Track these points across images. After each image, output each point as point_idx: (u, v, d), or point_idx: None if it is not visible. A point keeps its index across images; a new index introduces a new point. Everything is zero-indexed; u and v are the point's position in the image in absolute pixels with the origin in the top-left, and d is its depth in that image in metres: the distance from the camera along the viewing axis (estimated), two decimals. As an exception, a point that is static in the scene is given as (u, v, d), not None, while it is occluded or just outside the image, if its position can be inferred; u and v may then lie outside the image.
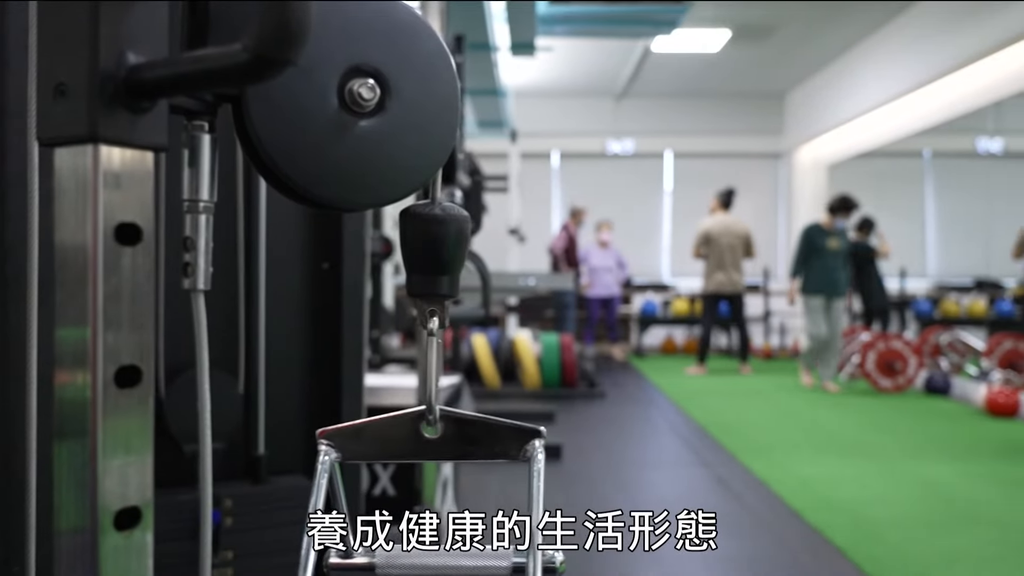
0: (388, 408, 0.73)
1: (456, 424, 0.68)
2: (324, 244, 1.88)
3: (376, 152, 0.61)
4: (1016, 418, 5.73)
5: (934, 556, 2.87)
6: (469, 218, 0.64)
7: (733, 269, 8.17)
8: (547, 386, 6.65)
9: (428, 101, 0.61)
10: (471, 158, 4.60)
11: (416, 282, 0.66)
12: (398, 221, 0.67)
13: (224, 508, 1.70)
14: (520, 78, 9.94)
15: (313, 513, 0.65)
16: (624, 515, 2.49)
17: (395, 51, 0.60)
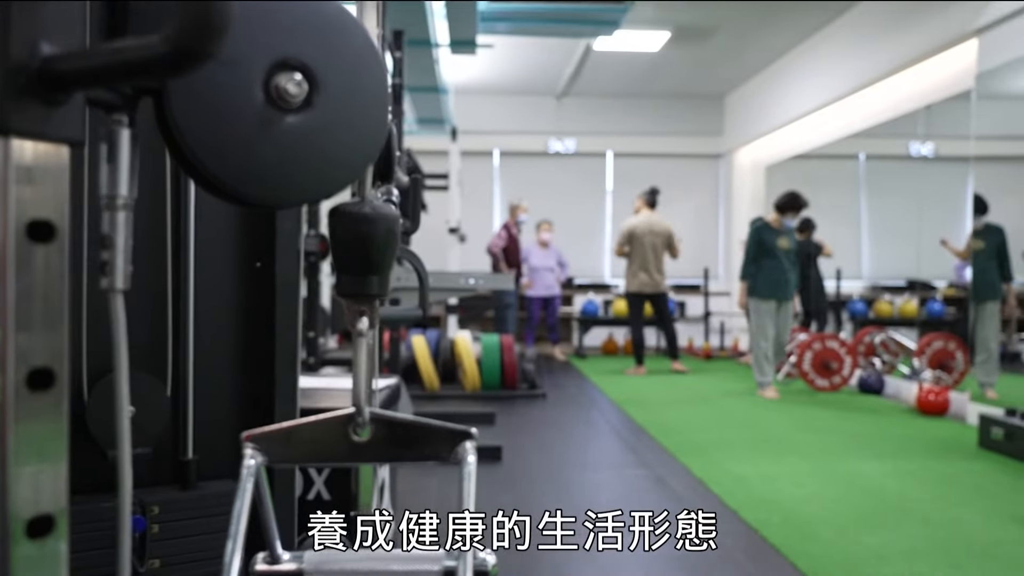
0: (323, 411, 0.72)
1: (387, 427, 0.68)
2: (257, 242, 1.85)
3: (304, 148, 0.60)
4: (946, 416, 5.92)
5: (865, 552, 2.95)
6: (399, 217, 0.64)
7: (655, 269, 8.27)
8: (487, 387, 6.65)
9: (357, 97, 0.60)
10: (410, 156, 4.58)
11: (345, 282, 0.65)
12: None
13: (151, 515, 1.66)
14: (461, 75, 9.92)
15: (237, 519, 0.64)
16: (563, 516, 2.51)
17: (323, 46, 0.59)
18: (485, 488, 3.89)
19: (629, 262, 8.32)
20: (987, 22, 5.86)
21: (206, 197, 1.75)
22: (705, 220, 11.75)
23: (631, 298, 8.40)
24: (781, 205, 6.84)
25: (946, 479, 4.06)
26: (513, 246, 8.84)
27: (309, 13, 0.60)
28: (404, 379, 4.82)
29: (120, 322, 0.64)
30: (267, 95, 0.60)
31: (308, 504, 2.14)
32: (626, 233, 8.34)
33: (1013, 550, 2.98)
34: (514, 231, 8.88)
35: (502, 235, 8.83)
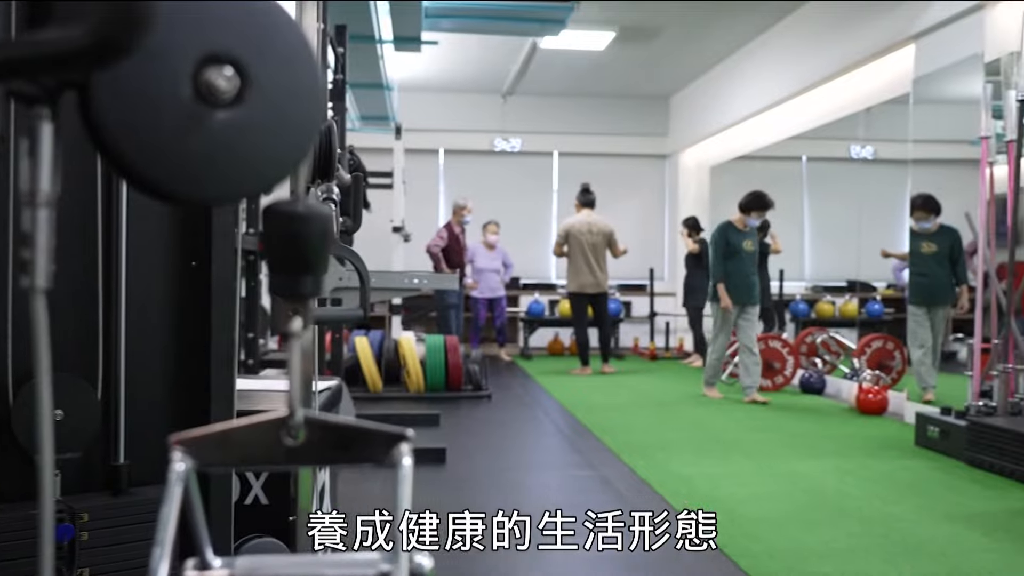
0: (261, 413, 0.71)
1: (321, 430, 0.67)
2: (192, 241, 1.82)
3: (234, 145, 0.59)
4: (884, 416, 6.07)
5: (805, 550, 3.01)
6: (333, 215, 0.63)
7: (598, 268, 8.32)
8: (432, 389, 6.63)
9: (289, 93, 0.60)
10: (353, 153, 4.54)
11: (278, 281, 0.64)
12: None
13: (80, 522, 1.62)
14: (406, 72, 9.87)
15: (164, 525, 0.63)
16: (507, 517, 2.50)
17: (254, 40, 0.58)
18: (429, 490, 3.89)
19: (569, 262, 8.36)
20: (923, 28, 6.03)
21: (139, 195, 1.72)
22: (651, 220, 11.88)
23: (573, 298, 8.44)
24: (746, 204, 6.65)
25: (883, 477, 4.16)
26: (456, 246, 8.78)
27: (238, 6, 0.59)
28: (347, 381, 4.78)
29: (42, 322, 0.62)
30: (196, 90, 0.58)
31: (246, 509, 2.11)
32: (563, 233, 8.38)
33: (946, 546, 3.07)
34: (457, 231, 8.83)
35: (442, 235, 8.73)
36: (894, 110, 6.80)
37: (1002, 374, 4.63)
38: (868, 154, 8.31)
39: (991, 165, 4.89)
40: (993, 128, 4.92)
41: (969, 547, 3.06)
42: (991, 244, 4.91)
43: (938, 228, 6.12)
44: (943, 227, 6.14)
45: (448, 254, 8.68)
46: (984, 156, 4.88)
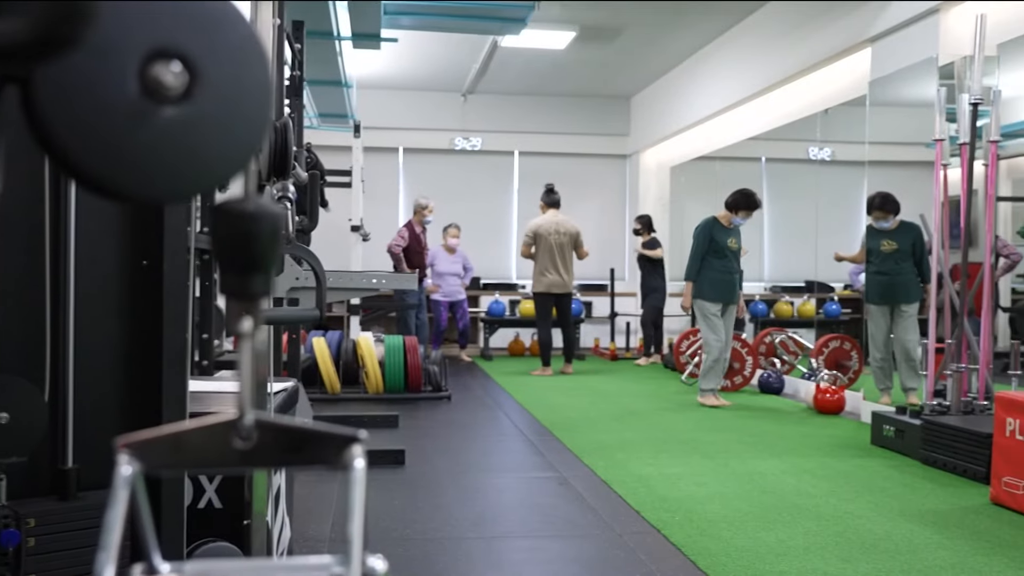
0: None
1: (272, 432, 0.67)
2: (143, 239, 1.79)
3: (182, 142, 0.58)
4: (841, 415, 6.16)
5: (762, 548, 3.04)
6: (285, 214, 0.63)
7: (564, 269, 8.37)
8: (391, 390, 6.61)
9: (239, 89, 0.59)
10: (310, 151, 4.50)
11: (228, 281, 0.64)
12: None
13: (26, 528, 1.59)
14: (365, 70, 9.82)
15: (109, 530, 0.62)
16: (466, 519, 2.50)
17: (203, 36, 0.58)
18: (387, 492, 3.84)
19: (536, 262, 8.38)
20: (879, 31, 6.13)
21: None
22: (611, 221, 11.94)
23: (539, 298, 8.45)
24: (734, 203, 6.53)
25: (840, 476, 4.23)
26: (417, 246, 8.75)
27: (187, 2, 0.58)
28: (304, 382, 4.75)
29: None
30: (142, 86, 0.58)
31: (199, 513, 2.08)
32: (531, 233, 8.40)
33: (901, 543, 3.13)
34: (418, 231, 8.80)
35: (403, 235, 8.70)
36: (851, 112, 6.91)
37: (955, 374, 4.73)
38: (826, 155, 8.43)
39: (945, 168, 4.99)
40: (947, 131, 5.03)
41: (923, 544, 3.12)
42: (945, 245, 5.01)
43: (898, 225, 6.04)
44: (904, 224, 6.05)
45: (409, 254, 8.65)
46: (938, 159, 4.98)
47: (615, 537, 3.26)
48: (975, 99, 4.80)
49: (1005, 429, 3.66)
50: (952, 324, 4.92)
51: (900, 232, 6.04)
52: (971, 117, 4.84)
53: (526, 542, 3.26)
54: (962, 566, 2.89)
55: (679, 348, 8.24)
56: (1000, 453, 3.69)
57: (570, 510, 3.66)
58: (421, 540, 3.18)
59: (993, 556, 3.00)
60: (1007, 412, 3.66)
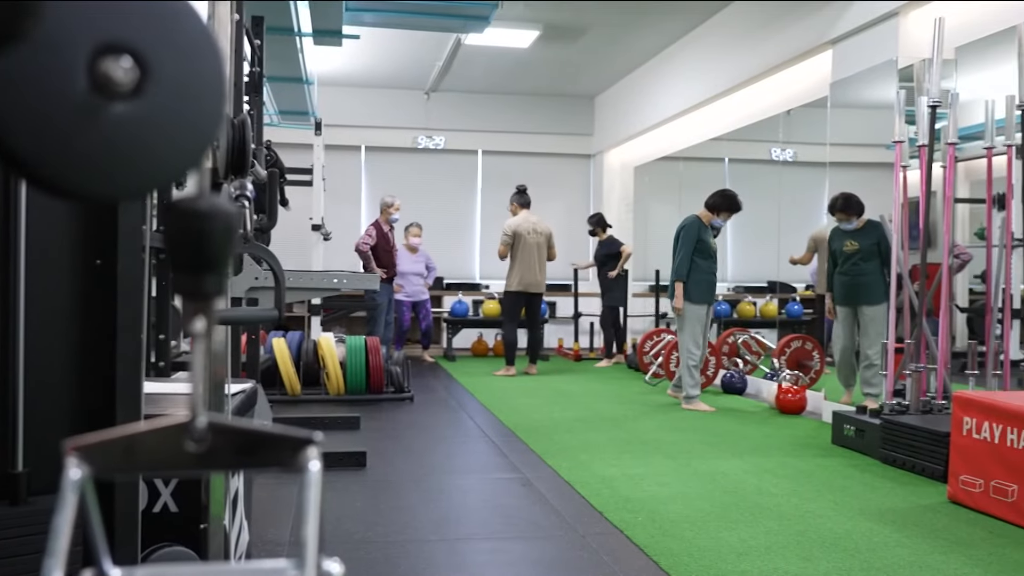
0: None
1: (225, 434, 0.66)
2: (97, 238, 1.76)
3: (133, 139, 0.58)
4: (803, 415, 6.24)
5: (724, 548, 3.07)
6: (238, 212, 0.62)
7: (539, 268, 8.40)
8: (352, 391, 6.57)
9: (191, 85, 0.58)
10: (270, 149, 4.47)
11: (181, 280, 0.63)
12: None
13: (-26, 533, 1.56)
14: (327, 66, 9.76)
15: (57, 535, 0.61)
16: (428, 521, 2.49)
17: (153, 30, 0.57)
18: (348, 495, 3.82)
19: (513, 262, 8.37)
20: (840, 33, 6.22)
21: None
22: (576, 220, 11.97)
23: (512, 297, 8.43)
24: (717, 205, 6.43)
25: (801, 475, 4.28)
26: (385, 245, 8.71)
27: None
28: (263, 383, 4.70)
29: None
30: (91, 81, 0.57)
31: (154, 517, 2.06)
32: (510, 233, 8.37)
33: (860, 541, 3.17)
34: (385, 229, 8.76)
35: (371, 233, 8.67)
36: (813, 113, 7.00)
37: (914, 373, 4.81)
38: (788, 156, 8.54)
39: (904, 169, 5.07)
40: (906, 133, 5.11)
41: (882, 542, 3.17)
42: (904, 246, 5.09)
43: (864, 225, 6.02)
44: (869, 224, 6.03)
45: (377, 253, 8.61)
46: (897, 160, 5.06)
47: (578, 538, 3.27)
48: (933, 102, 4.89)
49: (962, 428, 3.73)
50: (911, 324, 5.00)
51: (863, 232, 6.04)
52: (929, 119, 4.93)
53: (489, 544, 3.26)
54: (920, 564, 2.94)
55: (643, 348, 8.28)
56: (957, 452, 3.76)
57: (533, 511, 3.67)
58: (383, 543, 3.17)
59: (950, 554, 3.06)
60: (964, 411, 3.73)
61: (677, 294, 6.37)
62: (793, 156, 8.48)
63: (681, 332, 6.43)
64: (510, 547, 3.22)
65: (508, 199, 8.74)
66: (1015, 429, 3.43)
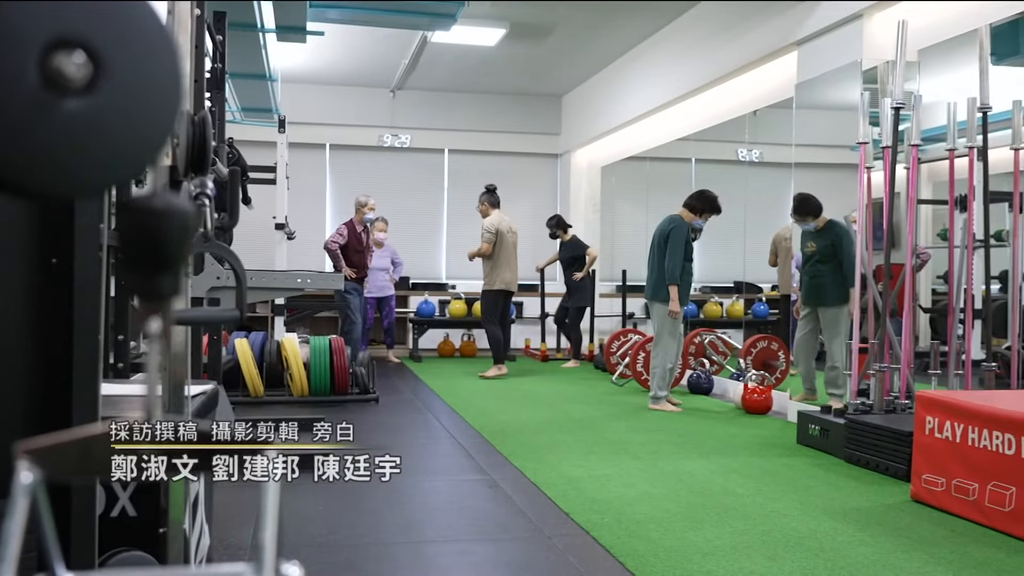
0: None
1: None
2: (52, 237, 1.74)
3: (86, 135, 0.57)
4: (769, 415, 6.30)
5: (690, 548, 3.10)
6: (195, 211, 0.61)
7: (515, 267, 8.43)
8: (316, 392, 6.53)
9: (146, 82, 0.58)
10: (232, 146, 4.43)
11: (135, 280, 0.62)
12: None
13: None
14: (290, 63, 9.69)
15: (8, 540, 0.60)
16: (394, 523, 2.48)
17: (107, 25, 0.56)
18: (312, 497, 3.80)
19: (493, 260, 8.34)
20: (805, 35, 6.29)
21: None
22: (542, 220, 11.98)
23: (493, 296, 8.39)
24: (701, 207, 6.48)
25: (767, 475, 4.32)
26: (358, 245, 8.63)
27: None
28: (225, 385, 4.66)
29: None
30: (44, 76, 0.56)
31: (112, 521, 2.03)
32: (494, 232, 8.34)
33: (825, 541, 3.21)
34: (359, 229, 8.68)
35: (342, 232, 8.58)
36: (779, 114, 7.07)
37: (878, 373, 4.88)
38: (755, 157, 8.62)
39: (869, 170, 5.14)
40: (870, 134, 5.18)
41: (846, 541, 3.21)
42: (868, 247, 5.16)
43: (823, 226, 6.10)
44: (828, 224, 6.10)
45: (348, 252, 8.52)
46: (861, 162, 5.12)
47: (544, 540, 3.27)
48: (897, 103, 4.96)
49: (925, 427, 3.79)
50: (875, 324, 5.07)
51: (821, 234, 6.11)
52: (893, 121, 5.00)
53: (455, 546, 3.25)
54: (883, 563, 2.98)
55: (609, 349, 8.32)
56: (920, 451, 3.82)
57: (499, 513, 3.67)
58: (348, 546, 3.15)
59: (912, 552, 3.11)
60: (927, 411, 3.79)
61: (673, 297, 6.34)
62: (759, 157, 8.56)
63: (662, 333, 6.43)
64: (476, 549, 3.22)
65: (476, 198, 8.73)
66: (976, 428, 3.50)
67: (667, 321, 6.40)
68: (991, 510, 3.37)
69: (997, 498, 3.35)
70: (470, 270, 11.41)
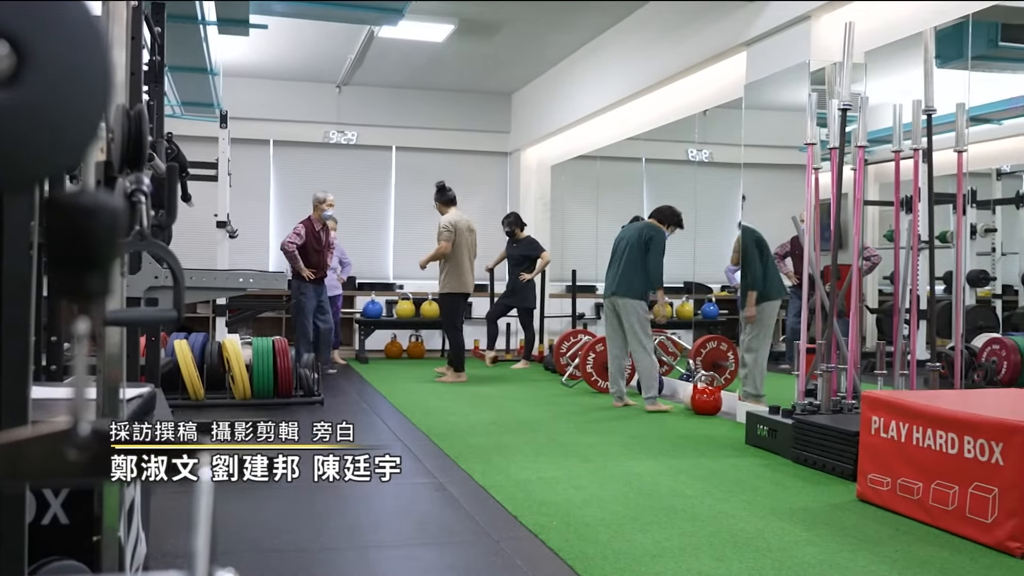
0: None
1: (111, 441, 0.64)
2: (-21, 235, 1.69)
3: (12, 128, 0.55)
4: (718, 415, 6.38)
5: (638, 551, 3.12)
6: (124, 208, 0.60)
7: (473, 268, 8.39)
8: (259, 395, 6.45)
9: (73, 74, 0.56)
10: (171, 141, 4.36)
11: (62, 280, 0.61)
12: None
13: None
14: (233, 56, 9.56)
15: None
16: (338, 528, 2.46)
17: (32, 15, 0.55)
18: (255, 502, 3.75)
19: (451, 261, 8.22)
20: (754, 35, 6.38)
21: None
22: (493, 219, 11.98)
23: (453, 299, 8.26)
24: (669, 219, 6.78)
25: (715, 475, 4.38)
26: (316, 244, 8.44)
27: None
28: (164, 387, 4.58)
29: None
30: (-37, 67, 0.55)
31: (43, 529, 1.99)
32: (452, 230, 8.22)
33: (772, 541, 3.26)
34: (318, 227, 8.50)
35: (299, 231, 8.35)
36: (728, 114, 7.17)
37: (825, 373, 4.97)
38: (704, 157, 8.72)
39: (816, 171, 5.24)
40: (818, 135, 5.27)
41: (793, 541, 3.27)
42: (816, 248, 5.26)
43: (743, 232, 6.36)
44: (742, 228, 6.38)
45: (306, 252, 8.32)
46: (809, 162, 5.22)
47: (492, 543, 3.28)
48: (844, 105, 5.06)
49: (871, 427, 3.87)
50: (823, 325, 5.16)
51: (742, 238, 6.36)
52: (840, 122, 5.10)
53: (401, 551, 3.24)
54: (829, 562, 3.04)
55: (559, 349, 8.35)
56: (866, 451, 3.90)
57: (447, 517, 3.67)
58: (292, 551, 3.13)
59: (858, 551, 3.17)
60: (872, 410, 3.87)
61: (663, 300, 6.70)
62: (709, 157, 8.67)
63: (638, 332, 6.54)
64: (423, 554, 3.21)
65: (424, 197, 8.68)
66: (920, 428, 3.58)
67: (641, 318, 6.54)
68: (935, 509, 3.45)
69: (941, 497, 3.43)
70: (418, 270, 11.38)
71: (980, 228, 7.28)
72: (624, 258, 6.66)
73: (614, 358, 6.75)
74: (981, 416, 3.33)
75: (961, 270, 5.45)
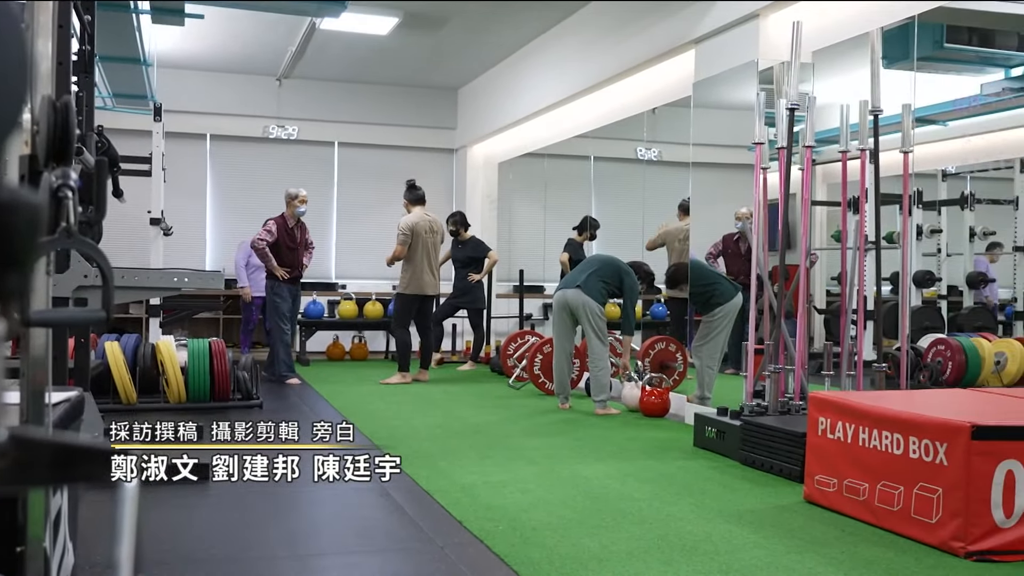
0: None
1: (30, 447, 0.63)
2: None
3: (-79, 121, 0.54)
4: (667, 417, 6.44)
5: (585, 555, 3.14)
6: (44, 204, 0.59)
7: (435, 270, 8.36)
8: (195, 398, 6.36)
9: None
10: (102, 135, 4.27)
11: (-22, 279, 0.59)
12: None
13: None
14: (168, 47, 9.40)
15: None
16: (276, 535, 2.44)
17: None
18: (188, 510, 3.70)
19: (409, 263, 8.18)
20: (702, 33, 6.46)
21: None
22: (438, 216, 11.96)
23: (406, 300, 8.26)
24: (643, 276, 7.06)
25: (663, 478, 4.42)
26: (290, 242, 8.31)
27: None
28: (94, 391, 4.49)
29: None
30: None
31: (-38, 541, 1.93)
32: (408, 233, 8.17)
33: (720, 544, 3.31)
34: (291, 224, 8.36)
35: (270, 229, 8.19)
36: (677, 113, 7.24)
37: (773, 374, 5.05)
38: (653, 155, 8.80)
39: (765, 171, 5.32)
40: (766, 135, 5.36)
41: (740, 544, 3.31)
42: (764, 248, 5.34)
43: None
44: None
45: (279, 251, 8.19)
46: (757, 162, 5.29)
47: (436, 550, 3.27)
48: (792, 104, 5.14)
49: (818, 428, 3.94)
50: (770, 326, 5.24)
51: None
52: (788, 122, 5.18)
53: (342, 559, 3.22)
54: (776, 564, 3.09)
55: (506, 351, 8.36)
56: (813, 452, 3.97)
57: (390, 523, 3.65)
58: (227, 561, 3.09)
59: (805, 553, 3.23)
60: (819, 411, 3.94)
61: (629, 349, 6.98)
62: (658, 155, 8.75)
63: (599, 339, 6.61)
64: (365, 561, 3.20)
65: (367, 193, 8.63)
66: (867, 428, 3.65)
67: (600, 322, 6.62)
68: (880, 509, 3.53)
69: (886, 497, 3.51)
70: (361, 269, 11.30)
71: (926, 229, 7.46)
72: (594, 270, 6.76)
73: (561, 359, 6.78)
74: (925, 416, 3.41)
75: (907, 271, 5.58)
